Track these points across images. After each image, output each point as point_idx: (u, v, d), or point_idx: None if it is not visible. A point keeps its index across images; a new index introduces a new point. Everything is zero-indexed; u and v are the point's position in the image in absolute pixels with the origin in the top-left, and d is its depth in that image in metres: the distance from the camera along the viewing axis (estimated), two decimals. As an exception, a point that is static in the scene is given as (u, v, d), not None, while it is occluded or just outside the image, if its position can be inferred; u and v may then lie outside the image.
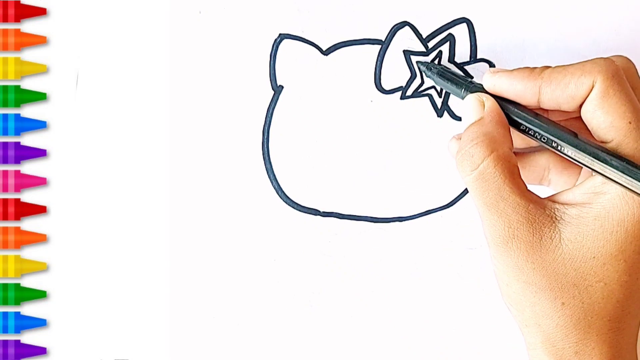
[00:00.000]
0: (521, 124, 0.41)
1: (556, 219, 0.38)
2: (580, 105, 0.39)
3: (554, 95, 0.39)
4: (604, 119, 0.38)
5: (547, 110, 0.42)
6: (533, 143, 0.42)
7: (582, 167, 0.42)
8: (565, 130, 0.40)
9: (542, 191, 0.42)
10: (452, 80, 0.44)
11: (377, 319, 0.49)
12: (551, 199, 0.39)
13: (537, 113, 0.41)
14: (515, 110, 0.41)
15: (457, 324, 0.49)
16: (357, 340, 0.49)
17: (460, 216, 0.48)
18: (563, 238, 0.38)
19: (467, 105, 0.42)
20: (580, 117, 0.40)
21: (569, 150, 0.39)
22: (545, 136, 0.40)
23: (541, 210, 0.38)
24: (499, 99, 0.41)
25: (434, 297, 0.49)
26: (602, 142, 0.39)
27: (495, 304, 0.49)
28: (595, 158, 0.38)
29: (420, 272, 0.49)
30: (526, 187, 0.39)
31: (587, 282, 0.37)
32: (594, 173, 0.39)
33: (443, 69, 0.45)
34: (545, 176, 0.44)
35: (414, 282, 0.49)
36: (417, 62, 0.47)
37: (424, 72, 0.46)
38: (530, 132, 0.40)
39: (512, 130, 0.41)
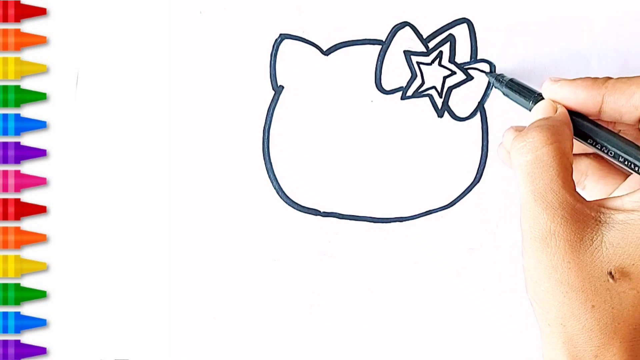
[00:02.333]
0: (589, 137, 0.41)
1: (600, 221, 0.38)
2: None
3: (617, 105, 0.40)
4: None
5: (604, 121, 0.42)
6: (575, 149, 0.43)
7: (624, 179, 0.43)
8: (628, 143, 0.40)
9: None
10: (520, 92, 0.44)
11: (377, 319, 0.49)
12: (598, 203, 0.39)
13: (601, 125, 0.41)
14: (584, 123, 0.41)
15: (457, 324, 0.49)
16: (357, 340, 0.49)
17: (461, 216, 0.48)
18: (605, 241, 0.37)
19: (539, 108, 0.42)
20: (630, 132, 0.41)
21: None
22: (613, 151, 0.40)
23: (587, 211, 0.38)
24: (569, 112, 0.42)
25: (434, 297, 0.49)
26: None
27: (496, 304, 0.49)
28: None
29: (420, 272, 0.49)
30: (575, 187, 0.39)
31: (621, 287, 0.37)
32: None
33: (511, 81, 0.45)
34: (581, 181, 0.44)
35: (414, 282, 0.49)
36: (486, 73, 0.47)
37: (493, 83, 0.46)
38: (597, 145, 0.41)
39: None
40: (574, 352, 0.38)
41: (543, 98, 0.43)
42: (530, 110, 0.43)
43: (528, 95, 0.44)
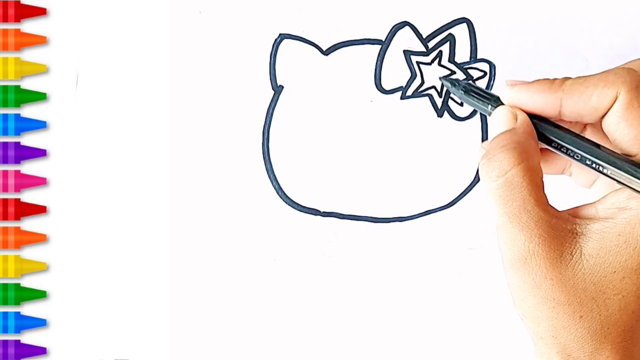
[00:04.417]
0: (553, 141, 0.40)
1: (577, 234, 0.38)
2: (602, 117, 0.39)
3: (575, 108, 0.39)
4: (627, 131, 0.38)
5: (566, 121, 0.41)
6: None
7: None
8: (592, 144, 0.40)
9: (558, 201, 0.42)
10: (478, 96, 0.42)
11: (377, 319, 0.49)
12: (572, 213, 0.39)
13: (564, 127, 0.41)
14: (547, 126, 0.41)
15: (457, 324, 0.49)
16: (357, 340, 0.49)
17: (460, 216, 0.48)
18: (584, 253, 0.37)
19: (498, 116, 0.41)
20: (596, 127, 0.40)
21: (605, 169, 0.39)
22: (579, 154, 0.40)
23: (563, 226, 0.38)
24: (529, 115, 0.41)
25: (434, 297, 0.49)
26: (626, 155, 0.39)
27: (495, 304, 0.49)
28: (628, 173, 0.38)
29: (420, 272, 0.49)
30: (548, 202, 0.39)
31: (606, 295, 0.37)
32: (617, 185, 0.38)
33: (469, 85, 0.43)
34: (567, 168, 0.44)
35: (413, 282, 0.49)
36: (440, 77, 0.46)
37: (449, 88, 0.45)
38: (563, 149, 0.40)
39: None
40: None
41: (501, 102, 0.41)
42: (489, 115, 0.42)
43: (486, 100, 0.42)
